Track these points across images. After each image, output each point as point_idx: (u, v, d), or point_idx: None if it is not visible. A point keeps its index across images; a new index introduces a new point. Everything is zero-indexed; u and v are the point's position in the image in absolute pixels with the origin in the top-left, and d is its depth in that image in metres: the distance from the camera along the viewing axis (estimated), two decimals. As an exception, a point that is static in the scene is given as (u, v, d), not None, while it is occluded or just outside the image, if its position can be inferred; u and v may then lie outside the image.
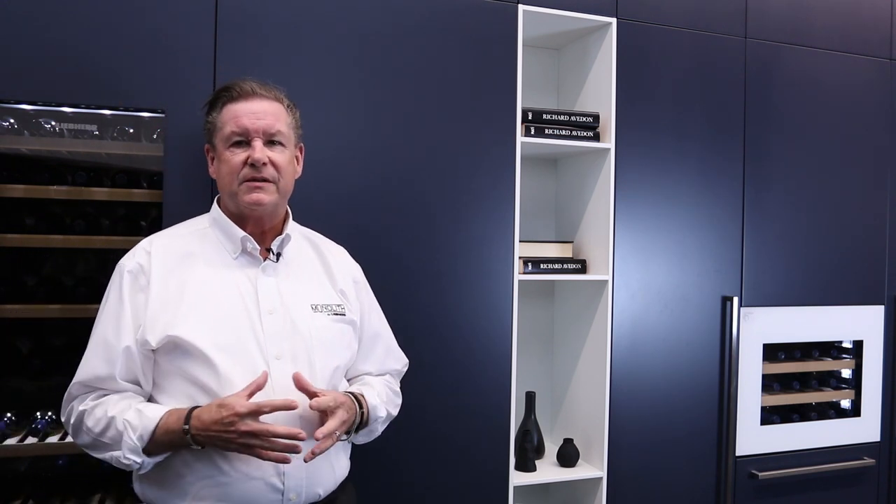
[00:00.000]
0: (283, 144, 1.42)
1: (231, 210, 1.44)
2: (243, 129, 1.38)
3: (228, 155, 1.39)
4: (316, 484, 1.37)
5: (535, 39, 2.30)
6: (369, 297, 1.62)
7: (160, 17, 1.69)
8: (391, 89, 1.90)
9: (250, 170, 1.37)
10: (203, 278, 1.38)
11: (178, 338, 1.30)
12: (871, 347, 2.48)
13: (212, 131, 1.44)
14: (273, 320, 1.38)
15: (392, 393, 1.61)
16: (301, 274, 1.48)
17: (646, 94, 2.17)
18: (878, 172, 2.48)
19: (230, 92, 1.41)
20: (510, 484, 2.02)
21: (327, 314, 1.45)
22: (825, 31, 2.40)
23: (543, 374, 2.42)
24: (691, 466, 2.24)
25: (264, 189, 1.38)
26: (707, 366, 2.25)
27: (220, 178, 1.43)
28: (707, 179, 2.25)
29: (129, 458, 1.25)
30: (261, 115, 1.39)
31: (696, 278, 2.24)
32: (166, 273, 1.36)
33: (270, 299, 1.40)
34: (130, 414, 1.27)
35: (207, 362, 1.30)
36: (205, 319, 1.33)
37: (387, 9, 1.89)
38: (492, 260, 2.00)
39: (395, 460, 1.90)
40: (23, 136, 1.76)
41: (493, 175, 2.00)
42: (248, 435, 1.22)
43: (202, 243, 1.43)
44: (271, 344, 1.36)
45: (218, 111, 1.42)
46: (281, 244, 1.45)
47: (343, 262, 1.58)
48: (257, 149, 1.37)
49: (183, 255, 1.40)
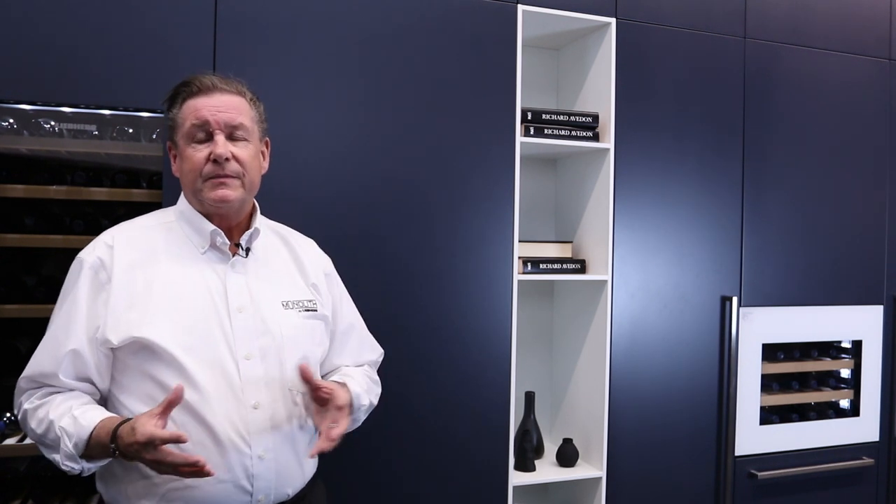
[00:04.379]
0: (246, 139, 1.36)
1: (196, 208, 1.38)
2: (203, 122, 1.32)
3: (190, 151, 1.33)
4: (285, 484, 1.34)
5: (535, 39, 2.30)
6: (340, 288, 1.58)
7: (160, 17, 1.69)
8: (391, 89, 1.90)
9: (213, 166, 1.31)
10: (170, 275, 1.32)
11: (145, 339, 1.25)
12: (870, 347, 2.48)
13: (172, 128, 1.37)
14: (243, 319, 1.33)
15: (372, 382, 1.57)
16: (271, 269, 1.43)
17: (645, 94, 2.17)
18: (877, 172, 2.48)
19: (189, 87, 1.35)
20: (509, 484, 2.02)
21: (298, 311, 1.41)
22: (824, 31, 2.40)
23: (543, 374, 2.42)
24: (691, 466, 2.24)
25: (229, 185, 1.32)
26: (706, 366, 2.25)
27: (182, 177, 1.36)
28: (706, 179, 2.25)
29: (66, 464, 1.22)
30: (222, 107, 1.33)
31: (696, 278, 2.24)
32: (130, 268, 1.30)
33: (240, 297, 1.35)
34: (66, 421, 1.22)
35: (174, 364, 1.25)
36: (174, 320, 1.28)
37: (386, 9, 1.89)
38: (491, 260, 2.00)
39: (394, 460, 1.90)
40: (22, 136, 1.76)
41: (493, 175, 2.00)
42: (154, 462, 1.16)
43: (168, 237, 1.36)
44: (241, 343, 1.32)
45: (178, 107, 1.36)
46: (250, 239, 1.40)
47: (313, 255, 1.54)
48: (220, 144, 1.31)
49: (148, 249, 1.34)
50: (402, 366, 1.90)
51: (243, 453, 1.27)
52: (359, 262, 1.86)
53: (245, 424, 1.28)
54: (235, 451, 1.27)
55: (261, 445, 1.29)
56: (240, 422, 1.27)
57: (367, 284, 1.87)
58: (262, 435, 1.30)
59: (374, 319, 1.87)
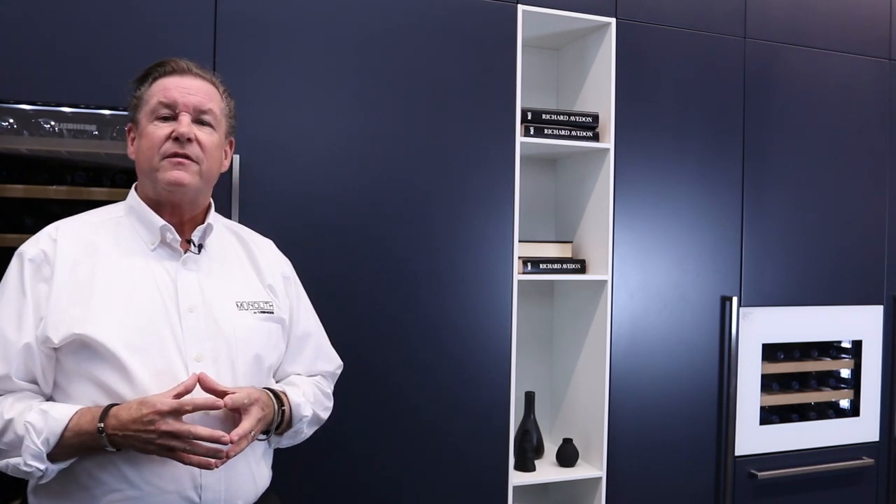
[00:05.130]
0: (212, 126, 1.31)
1: (149, 195, 1.30)
2: (171, 101, 1.26)
3: (151, 128, 1.26)
4: (235, 496, 1.25)
5: (535, 39, 2.30)
6: (299, 293, 1.50)
7: (160, 17, 1.69)
8: (390, 89, 1.90)
9: (173, 144, 1.25)
10: (117, 271, 1.24)
11: (86, 336, 1.16)
12: (870, 347, 2.48)
13: (137, 106, 1.30)
14: (193, 318, 1.25)
15: (322, 394, 1.47)
16: (225, 268, 1.36)
17: (645, 94, 2.17)
18: (877, 172, 2.48)
19: (164, 66, 1.30)
20: (509, 484, 2.02)
21: (253, 312, 1.33)
22: (824, 31, 2.40)
23: (543, 374, 2.42)
24: (690, 466, 2.24)
25: (186, 168, 1.26)
26: (706, 366, 2.25)
27: (139, 155, 1.29)
28: (706, 179, 2.25)
29: (31, 464, 1.12)
30: (192, 90, 1.28)
31: (696, 278, 2.24)
32: (74, 263, 1.22)
33: (191, 295, 1.27)
34: (33, 415, 1.14)
35: (119, 365, 1.17)
36: (118, 317, 1.19)
37: (386, 9, 1.89)
38: (491, 260, 2.00)
39: (393, 460, 1.90)
40: (22, 136, 1.76)
41: (493, 175, 2.00)
42: (169, 436, 1.11)
43: (116, 232, 1.29)
44: (191, 344, 1.24)
45: (147, 85, 1.30)
46: (203, 235, 1.33)
47: (271, 256, 1.46)
48: (184, 123, 1.26)
49: (94, 244, 1.26)
50: (402, 365, 1.90)
51: None
52: (359, 263, 1.86)
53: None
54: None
55: None
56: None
57: (366, 284, 1.87)
58: None
59: (373, 319, 1.88)
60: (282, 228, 1.78)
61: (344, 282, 1.85)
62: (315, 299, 1.56)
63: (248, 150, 1.75)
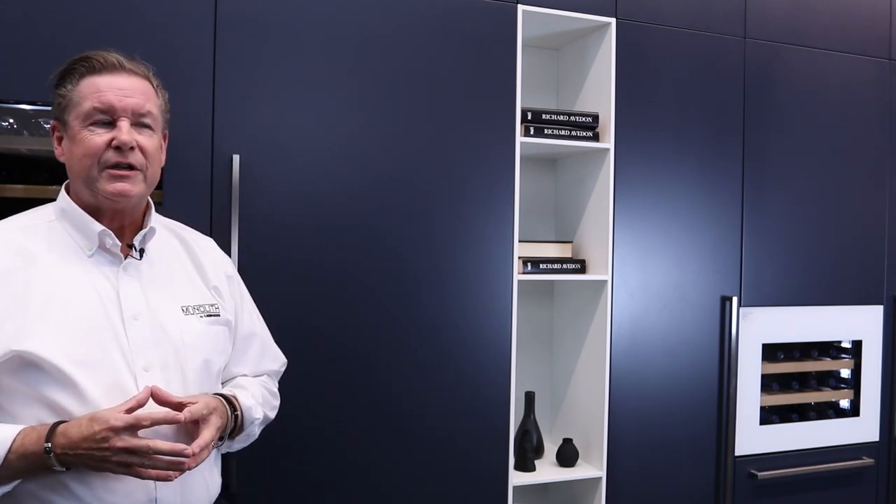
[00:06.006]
0: (152, 128, 1.23)
1: (86, 200, 1.22)
2: (108, 107, 1.18)
3: (87, 134, 1.18)
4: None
5: (535, 39, 2.30)
6: (242, 292, 1.45)
7: (160, 17, 1.69)
8: (390, 89, 1.90)
9: (115, 153, 1.17)
10: (53, 280, 1.16)
11: (27, 353, 1.09)
12: (870, 347, 2.48)
13: (64, 106, 1.20)
14: (139, 327, 1.20)
15: (269, 394, 1.45)
16: (168, 272, 1.30)
17: (645, 94, 2.17)
18: (877, 172, 2.48)
19: (90, 62, 1.20)
20: (509, 484, 2.02)
21: (199, 316, 1.29)
22: (824, 31, 2.40)
23: (543, 374, 2.42)
24: (690, 466, 2.24)
25: (131, 179, 1.19)
26: (706, 366, 2.25)
27: (73, 162, 1.20)
28: (706, 179, 2.25)
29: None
30: (129, 91, 1.20)
31: (696, 278, 2.24)
32: (6, 274, 1.13)
33: (134, 302, 1.21)
34: None
35: (65, 381, 1.10)
36: (60, 330, 1.12)
37: (386, 9, 1.89)
38: (491, 260, 2.00)
39: (393, 459, 1.90)
40: (22, 136, 1.76)
41: (493, 175, 2.00)
42: (126, 452, 1.05)
43: (48, 239, 1.20)
44: (138, 354, 1.18)
45: (73, 83, 1.20)
46: (144, 239, 1.26)
47: (214, 256, 1.41)
48: (124, 130, 1.18)
49: (25, 252, 1.17)
50: (402, 365, 1.90)
51: None
52: (358, 263, 1.86)
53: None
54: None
55: None
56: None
57: (366, 284, 1.87)
58: None
59: (373, 319, 1.88)
60: (282, 228, 1.79)
61: (344, 282, 1.85)
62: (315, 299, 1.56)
63: (248, 150, 1.75)
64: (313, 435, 1.82)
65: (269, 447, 1.75)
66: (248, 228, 1.74)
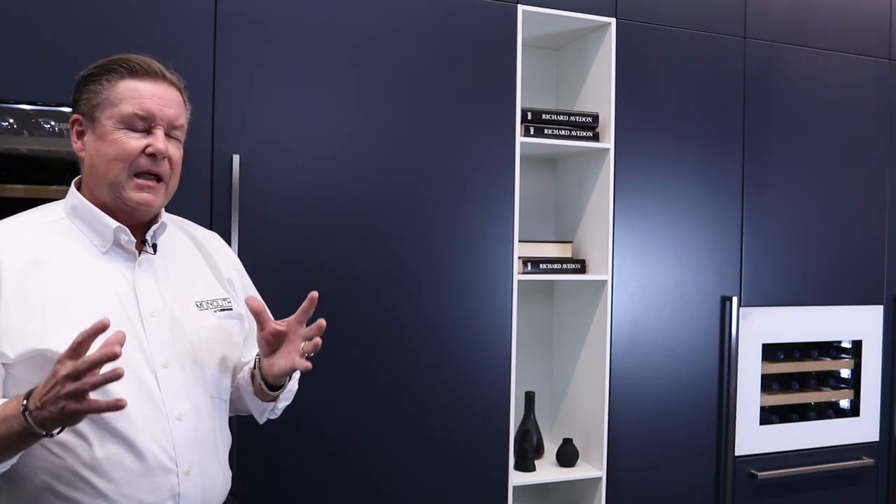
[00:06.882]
0: (180, 141, 1.27)
1: (100, 199, 1.22)
2: (148, 114, 1.19)
3: (121, 136, 1.18)
4: (210, 500, 1.24)
5: (535, 39, 2.30)
6: (247, 282, 1.47)
7: (160, 17, 1.69)
8: (390, 89, 1.90)
9: (148, 161, 1.19)
10: (70, 278, 1.16)
11: (49, 352, 1.08)
12: (870, 347, 2.48)
13: (97, 104, 1.20)
14: (156, 324, 1.21)
15: None
16: (180, 267, 1.31)
17: (645, 94, 2.17)
18: (877, 172, 2.48)
19: (131, 64, 1.20)
20: (509, 484, 2.02)
21: (214, 311, 1.30)
22: (824, 31, 2.40)
23: (543, 374, 2.42)
24: (690, 466, 2.24)
25: (155, 190, 1.21)
26: (706, 366, 2.25)
27: (99, 161, 1.20)
28: (706, 179, 2.25)
29: None
30: (167, 102, 1.22)
31: (696, 278, 2.24)
32: (20, 273, 1.13)
33: (152, 299, 1.22)
34: None
35: None
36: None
37: (386, 9, 1.89)
38: (491, 260, 2.00)
39: (393, 459, 1.90)
40: (22, 136, 1.76)
41: (493, 175, 2.00)
42: (70, 379, 0.97)
43: (61, 236, 1.20)
44: (157, 351, 1.19)
45: (111, 83, 1.20)
46: (155, 234, 1.27)
47: (223, 250, 1.43)
48: (160, 138, 1.20)
49: (38, 250, 1.16)
50: (402, 365, 1.90)
51: (169, 471, 1.16)
52: (358, 263, 1.86)
53: (170, 439, 1.17)
54: (161, 470, 1.15)
55: (187, 461, 1.19)
56: (164, 437, 1.16)
57: (366, 284, 1.87)
58: (188, 448, 1.19)
59: (373, 319, 1.88)
60: (282, 228, 1.79)
61: (344, 282, 1.85)
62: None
63: (248, 150, 1.75)
64: (313, 435, 1.82)
65: (270, 447, 1.76)
66: (248, 228, 1.74)
